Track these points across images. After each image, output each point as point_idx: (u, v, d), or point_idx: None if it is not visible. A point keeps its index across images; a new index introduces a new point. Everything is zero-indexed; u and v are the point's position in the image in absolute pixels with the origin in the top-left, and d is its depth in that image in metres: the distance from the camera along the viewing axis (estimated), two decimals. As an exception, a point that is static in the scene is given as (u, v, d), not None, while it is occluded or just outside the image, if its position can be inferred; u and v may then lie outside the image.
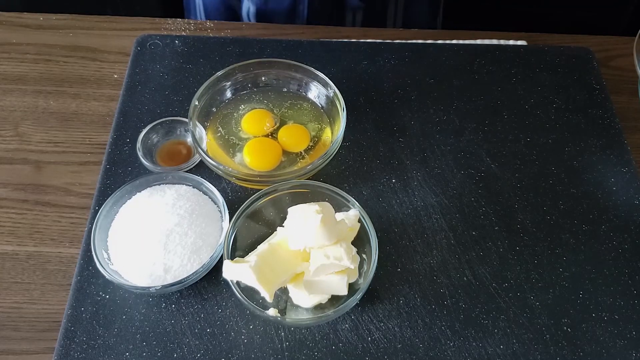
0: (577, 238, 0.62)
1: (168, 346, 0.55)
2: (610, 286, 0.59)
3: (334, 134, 0.66)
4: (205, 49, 0.77)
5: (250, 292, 0.53)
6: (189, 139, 0.67)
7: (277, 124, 0.68)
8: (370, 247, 0.56)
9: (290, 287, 0.56)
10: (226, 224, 0.58)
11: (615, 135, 0.70)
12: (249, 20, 0.90)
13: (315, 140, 0.67)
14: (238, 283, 0.53)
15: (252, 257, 0.54)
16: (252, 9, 0.88)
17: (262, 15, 0.88)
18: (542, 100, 0.73)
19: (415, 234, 0.62)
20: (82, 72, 0.77)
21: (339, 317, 0.56)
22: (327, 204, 0.54)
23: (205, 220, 0.59)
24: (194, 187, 0.62)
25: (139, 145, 0.66)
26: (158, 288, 0.55)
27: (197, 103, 0.65)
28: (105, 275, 0.55)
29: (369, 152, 0.68)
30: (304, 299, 0.55)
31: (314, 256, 0.53)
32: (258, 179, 0.62)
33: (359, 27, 0.88)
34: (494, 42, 0.81)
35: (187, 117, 0.64)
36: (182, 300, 0.57)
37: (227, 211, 0.59)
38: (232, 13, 0.91)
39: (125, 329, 0.55)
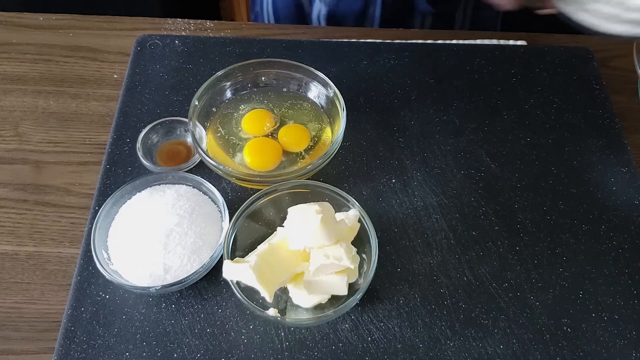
0: (577, 238, 0.62)
1: (168, 346, 0.55)
2: (610, 286, 0.59)
3: (334, 134, 0.66)
4: (205, 49, 0.77)
5: (250, 292, 0.53)
6: (189, 139, 0.67)
7: (277, 124, 0.68)
8: (370, 247, 0.56)
9: (290, 287, 0.56)
10: (226, 224, 0.58)
11: (615, 135, 0.70)
12: (319, 23, 0.89)
13: (315, 140, 0.67)
14: (238, 283, 0.53)
15: (252, 257, 0.54)
16: (324, 11, 0.87)
17: (333, 17, 0.87)
18: (542, 100, 0.73)
19: (415, 234, 0.62)
20: (82, 72, 0.77)
21: (339, 317, 0.56)
22: (327, 204, 0.54)
23: (205, 220, 0.59)
24: (193, 187, 0.62)
25: (139, 145, 0.66)
26: (158, 288, 0.55)
27: (197, 103, 0.65)
28: (105, 275, 0.55)
29: (369, 152, 0.68)
30: (304, 299, 0.55)
31: (314, 256, 0.53)
32: (258, 179, 0.62)
33: (428, 29, 0.87)
34: (494, 42, 0.81)
35: (187, 117, 0.64)
36: (182, 300, 0.57)
37: (227, 211, 0.59)
38: (302, 14, 0.90)
39: (125, 329, 0.55)
